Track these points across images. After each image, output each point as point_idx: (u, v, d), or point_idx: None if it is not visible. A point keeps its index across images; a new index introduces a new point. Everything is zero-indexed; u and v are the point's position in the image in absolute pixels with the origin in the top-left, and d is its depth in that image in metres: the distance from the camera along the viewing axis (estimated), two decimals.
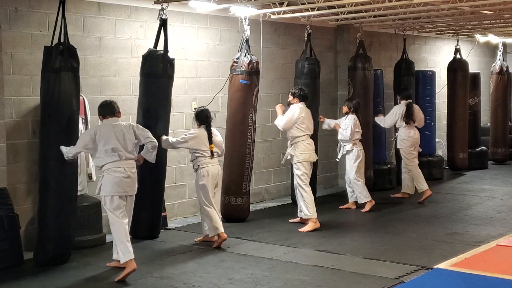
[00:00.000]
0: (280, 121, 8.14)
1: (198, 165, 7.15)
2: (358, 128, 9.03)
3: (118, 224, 6.08)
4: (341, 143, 9.17)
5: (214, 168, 7.19)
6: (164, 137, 7.20)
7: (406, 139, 9.81)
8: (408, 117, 9.76)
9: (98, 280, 6.00)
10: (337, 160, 9.51)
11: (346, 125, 8.98)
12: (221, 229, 7.07)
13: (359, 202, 9.09)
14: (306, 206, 7.95)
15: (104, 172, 6.14)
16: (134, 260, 6.00)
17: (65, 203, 6.40)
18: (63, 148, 6.22)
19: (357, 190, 9.06)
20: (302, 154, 8.02)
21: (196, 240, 7.39)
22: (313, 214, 7.93)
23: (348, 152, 9.05)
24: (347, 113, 9.10)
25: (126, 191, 6.19)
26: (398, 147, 9.95)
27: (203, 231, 7.30)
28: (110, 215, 6.12)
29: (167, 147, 7.25)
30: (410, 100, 10.00)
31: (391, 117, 9.93)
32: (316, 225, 7.90)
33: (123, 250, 6.02)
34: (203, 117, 7.23)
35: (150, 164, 7.10)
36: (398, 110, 9.86)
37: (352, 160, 9.04)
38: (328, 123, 9.40)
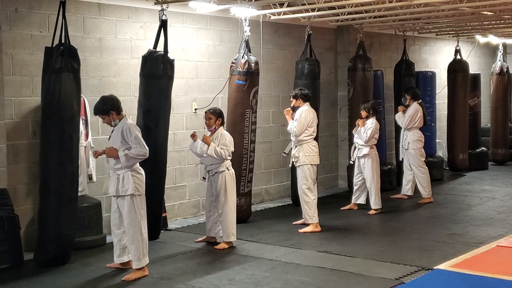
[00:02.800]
0: (294, 128, 7.90)
1: (227, 167, 7.13)
2: (377, 134, 8.93)
3: (145, 225, 6.04)
4: (357, 145, 9.06)
5: None
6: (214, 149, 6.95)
7: (421, 140, 9.76)
8: (424, 118, 9.73)
9: (98, 281, 5.99)
10: (351, 162, 9.36)
11: (367, 128, 8.85)
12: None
13: (371, 207, 8.99)
14: (309, 211, 7.92)
15: (133, 171, 6.00)
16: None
17: (66, 204, 6.40)
18: (134, 152, 5.91)
19: (372, 195, 8.97)
20: (307, 156, 7.91)
21: (196, 240, 7.39)
22: (315, 219, 7.91)
23: (365, 156, 8.95)
24: (367, 117, 8.94)
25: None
26: (411, 148, 9.71)
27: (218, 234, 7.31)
28: (139, 215, 5.98)
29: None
30: (421, 100, 9.98)
31: (414, 119, 9.66)
32: (317, 229, 7.87)
33: (145, 255, 5.99)
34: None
35: (150, 165, 7.11)
36: (420, 112, 9.70)
37: (370, 166, 8.94)
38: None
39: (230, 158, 7.16)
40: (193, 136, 7.08)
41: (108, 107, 6.01)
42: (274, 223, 8.37)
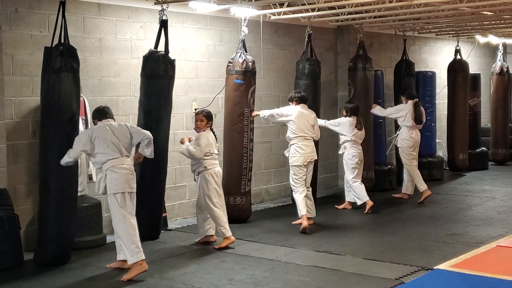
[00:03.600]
0: (264, 111, 8.26)
1: (206, 167, 7.12)
2: (347, 132, 9.04)
3: (129, 223, 6.04)
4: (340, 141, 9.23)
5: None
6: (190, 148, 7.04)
7: (408, 139, 9.81)
8: (417, 118, 9.77)
9: (98, 280, 5.99)
10: (339, 153, 9.49)
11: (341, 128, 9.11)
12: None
13: (357, 204, 9.07)
14: (297, 207, 8.01)
15: (108, 170, 6.04)
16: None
17: (65, 204, 6.40)
18: (65, 158, 6.14)
19: (354, 192, 9.07)
20: (292, 157, 8.06)
21: (196, 241, 7.39)
22: (302, 211, 7.91)
23: (343, 153, 9.14)
24: (345, 116, 9.13)
25: (132, 188, 6.15)
26: (398, 145, 9.95)
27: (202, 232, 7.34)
28: (119, 213, 6.01)
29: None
30: (417, 100, 10.01)
31: (394, 112, 9.89)
32: (305, 222, 7.81)
33: (134, 250, 5.99)
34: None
35: (151, 164, 7.11)
36: (405, 109, 9.79)
37: (346, 161, 9.11)
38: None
39: (208, 158, 7.10)
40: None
41: (92, 116, 6.47)
42: (274, 223, 8.37)
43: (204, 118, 7.14)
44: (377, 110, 10.14)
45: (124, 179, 6.07)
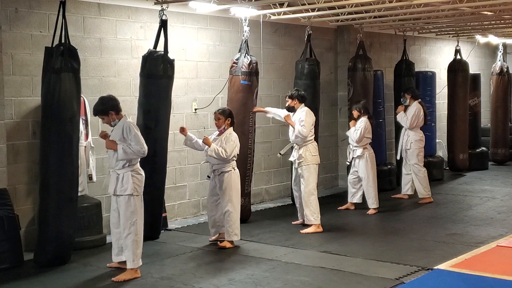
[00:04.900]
0: (303, 130, 7.81)
1: (234, 168, 7.13)
2: (369, 133, 8.92)
3: (141, 227, 6.04)
4: (351, 146, 9.06)
5: None
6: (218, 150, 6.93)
7: (422, 139, 9.77)
8: (425, 117, 9.74)
9: (98, 280, 5.99)
10: (347, 163, 9.39)
11: (357, 128, 8.87)
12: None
13: (369, 207, 9.00)
14: (311, 212, 7.89)
15: (133, 171, 6.00)
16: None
17: (66, 204, 6.40)
18: (133, 148, 5.90)
19: (369, 195, 8.99)
20: (313, 157, 7.92)
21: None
22: (318, 220, 7.89)
23: (359, 157, 8.97)
24: (358, 117, 8.96)
25: None
26: (414, 147, 9.72)
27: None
28: (135, 215, 5.98)
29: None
30: (420, 99, 9.98)
31: (417, 119, 9.69)
32: (319, 229, 7.86)
33: (139, 255, 6.01)
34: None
35: (150, 164, 7.11)
36: (420, 111, 9.71)
37: (364, 166, 8.96)
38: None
39: (235, 159, 7.15)
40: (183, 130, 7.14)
41: (107, 107, 6.03)
42: (274, 223, 8.37)
43: (220, 116, 7.11)
44: (401, 118, 9.85)
45: (143, 182, 6.10)
